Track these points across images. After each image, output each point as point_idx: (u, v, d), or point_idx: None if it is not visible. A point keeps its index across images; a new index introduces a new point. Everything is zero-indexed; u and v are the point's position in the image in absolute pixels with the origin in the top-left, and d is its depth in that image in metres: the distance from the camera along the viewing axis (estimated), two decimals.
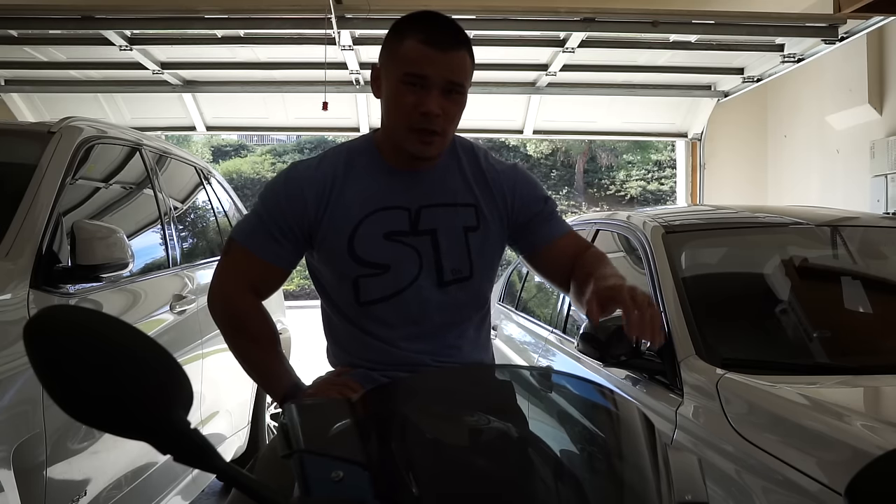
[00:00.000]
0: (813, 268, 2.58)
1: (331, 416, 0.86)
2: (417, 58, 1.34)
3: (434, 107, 1.34)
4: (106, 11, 5.16)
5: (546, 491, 0.88)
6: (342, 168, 1.45)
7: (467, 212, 1.46)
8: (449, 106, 1.37)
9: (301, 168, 1.49)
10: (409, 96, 1.35)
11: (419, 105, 1.34)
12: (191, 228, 3.68)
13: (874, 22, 5.10)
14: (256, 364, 1.52)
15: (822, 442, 1.62)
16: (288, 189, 1.45)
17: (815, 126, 6.79)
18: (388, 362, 1.44)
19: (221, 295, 1.48)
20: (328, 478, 0.80)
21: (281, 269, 1.47)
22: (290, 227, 1.43)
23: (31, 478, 1.93)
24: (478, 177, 1.49)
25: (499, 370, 1.41)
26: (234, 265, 1.48)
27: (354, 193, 1.43)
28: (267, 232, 1.43)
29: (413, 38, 1.35)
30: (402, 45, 1.37)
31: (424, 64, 1.34)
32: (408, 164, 1.45)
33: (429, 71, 1.34)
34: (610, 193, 22.25)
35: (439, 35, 1.36)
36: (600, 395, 1.01)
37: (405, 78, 1.35)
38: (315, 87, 6.26)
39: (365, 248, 1.41)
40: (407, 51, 1.35)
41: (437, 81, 1.34)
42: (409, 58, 1.35)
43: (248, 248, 1.45)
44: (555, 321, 3.21)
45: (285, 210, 1.43)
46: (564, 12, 5.24)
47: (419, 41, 1.35)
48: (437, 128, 1.36)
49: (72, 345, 0.75)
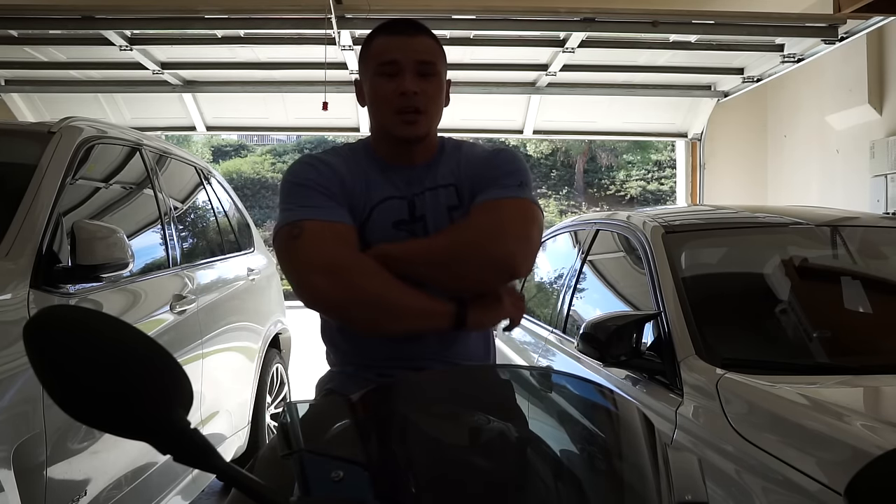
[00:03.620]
0: (813, 268, 2.58)
1: (331, 416, 0.86)
2: (385, 47, 1.47)
3: (410, 86, 1.43)
4: (106, 11, 5.17)
5: (546, 491, 0.88)
6: (352, 160, 1.51)
7: (448, 192, 1.50)
8: (425, 85, 1.45)
9: (317, 154, 1.52)
10: (386, 85, 1.45)
11: (397, 88, 1.44)
12: (191, 228, 3.68)
13: (874, 22, 5.10)
14: (418, 296, 1.36)
15: (822, 442, 1.62)
16: (318, 162, 1.47)
17: (815, 126, 6.79)
18: (388, 360, 1.44)
19: (330, 265, 1.34)
20: (328, 478, 0.80)
21: (356, 229, 1.42)
22: (336, 192, 1.42)
23: (31, 478, 1.93)
24: (458, 161, 1.53)
25: (499, 370, 1.40)
26: (323, 238, 1.36)
27: (361, 185, 1.47)
28: (324, 198, 1.40)
29: (379, 36, 1.49)
30: (371, 45, 1.50)
31: (392, 50, 1.45)
32: (401, 157, 1.50)
33: (397, 55, 1.44)
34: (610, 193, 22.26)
35: (401, 25, 1.49)
36: (600, 395, 1.01)
37: (379, 69, 1.46)
38: (315, 87, 6.27)
39: (376, 236, 1.44)
40: (376, 46, 1.49)
41: (408, 64, 1.44)
42: (378, 50, 1.47)
43: (322, 219, 1.38)
44: (555, 321, 3.21)
45: (326, 177, 1.43)
46: (564, 12, 5.24)
47: (384, 35, 1.49)
48: (418, 105, 1.44)
49: (72, 344, 0.75)
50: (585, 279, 3.11)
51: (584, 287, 3.11)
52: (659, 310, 2.27)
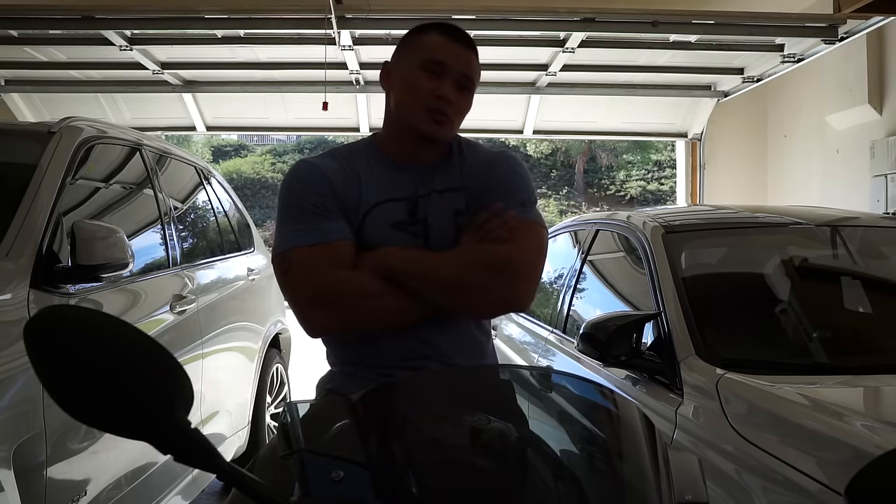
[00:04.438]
0: (813, 268, 2.58)
1: (331, 416, 0.86)
2: (439, 47, 1.45)
3: (449, 92, 1.43)
4: (106, 11, 5.17)
5: (546, 491, 0.88)
6: (348, 163, 1.49)
7: (457, 196, 1.49)
8: (460, 98, 1.45)
9: (311, 160, 1.51)
10: (426, 81, 1.43)
11: (436, 89, 1.42)
12: (191, 228, 3.68)
13: (874, 22, 5.10)
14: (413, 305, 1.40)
15: (822, 442, 1.62)
16: (310, 174, 1.46)
17: (815, 126, 6.79)
18: (388, 360, 1.44)
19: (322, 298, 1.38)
20: (328, 478, 0.80)
21: (351, 241, 1.43)
22: (330, 206, 1.42)
23: (31, 478, 1.93)
24: (465, 163, 1.52)
25: (499, 370, 1.41)
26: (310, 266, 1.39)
27: (360, 187, 1.46)
28: (315, 218, 1.41)
29: (435, 33, 1.47)
30: (422, 38, 1.48)
31: (445, 53, 1.44)
32: (410, 157, 1.49)
33: (448, 60, 1.44)
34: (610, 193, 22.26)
35: (459, 34, 1.49)
36: (600, 395, 1.01)
37: (425, 64, 1.44)
38: (315, 87, 6.27)
39: (373, 238, 1.44)
40: (428, 41, 1.47)
41: (454, 71, 1.44)
42: (430, 46, 1.45)
43: (309, 244, 1.40)
44: (555, 321, 3.21)
45: (318, 191, 1.43)
46: (564, 12, 5.24)
47: (441, 34, 1.47)
48: (449, 112, 1.44)
49: (72, 344, 0.75)
50: (585, 279, 3.11)
51: (584, 287, 3.11)
52: (659, 310, 2.27)
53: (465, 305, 1.43)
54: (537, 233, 1.47)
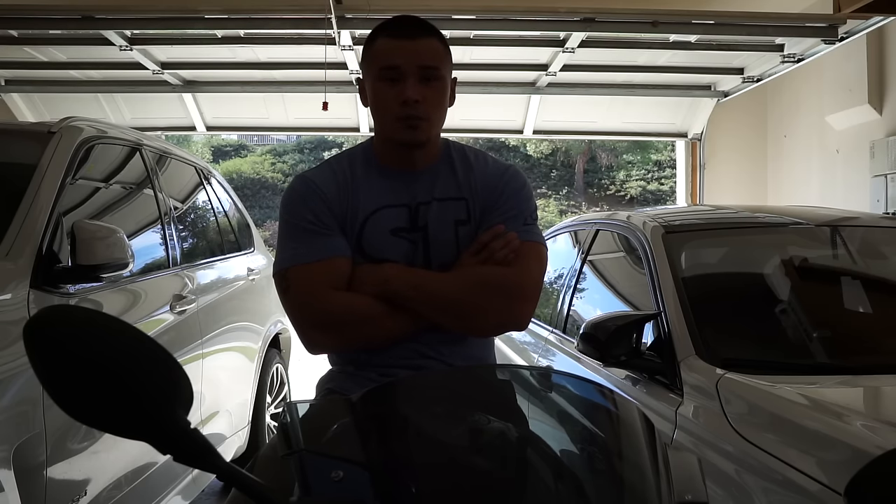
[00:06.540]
0: (813, 268, 2.58)
1: (331, 416, 0.86)
2: (387, 51, 1.42)
3: (412, 93, 1.40)
4: (106, 11, 5.16)
5: (546, 491, 0.88)
6: (347, 171, 1.49)
7: (458, 205, 1.49)
8: (428, 92, 1.42)
9: (309, 174, 1.52)
10: (388, 90, 1.42)
11: (399, 95, 1.41)
12: (191, 228, 3.68)
13: (874, 22, 5.10)
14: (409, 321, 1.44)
15: (822, 442, 1.62)
16: (307, 191, 1.47)
17: (815, 126, 6.79)
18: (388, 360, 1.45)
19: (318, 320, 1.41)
20: (328, 478, 0.80)
21: (347, 258, 1.44)
22: (327, 221, 1.44)
23: (31, 478, 1.93)
24: (468, 173, 1.52)
25: (499, 370, 1.41)
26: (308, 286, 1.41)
27: (359, 194, 1.47)
28: (311, 235, 1.43)
29: (381, 37, 1.45)
30: (373, 46, 1.46)
31: (394, 55, 1.41)
32: (404, 163, 1.49)
33: (399, 60, 1.41)
34: (610, 193, 22.26)
35: (405, 27, 1.44)
36: (600, 395, 1.01)
37: (381, 74, 1.43)
38: (315, 87, 6.26)
39: (372, 245, 1.45)
40: (379, 48, 1.44)
41: (411, 69, 1.41)
42: (380, 53, 1.43)
43: (306, 262, 1.41)
44: (555, 321, 3.21)
45: (314, 208, 1.44)
46: (564, 12, 5.24)
47: (387, 36, 1.44)
48: (419, 113, 1.41)
49: (72, 344, 0.75)
50: (585, 279, 3.11)
51: (584, 287, 3.11)
52: (659, 310, 2.27)
53: (467, 326, 1.45)
54: (539, 254, 1.49)
